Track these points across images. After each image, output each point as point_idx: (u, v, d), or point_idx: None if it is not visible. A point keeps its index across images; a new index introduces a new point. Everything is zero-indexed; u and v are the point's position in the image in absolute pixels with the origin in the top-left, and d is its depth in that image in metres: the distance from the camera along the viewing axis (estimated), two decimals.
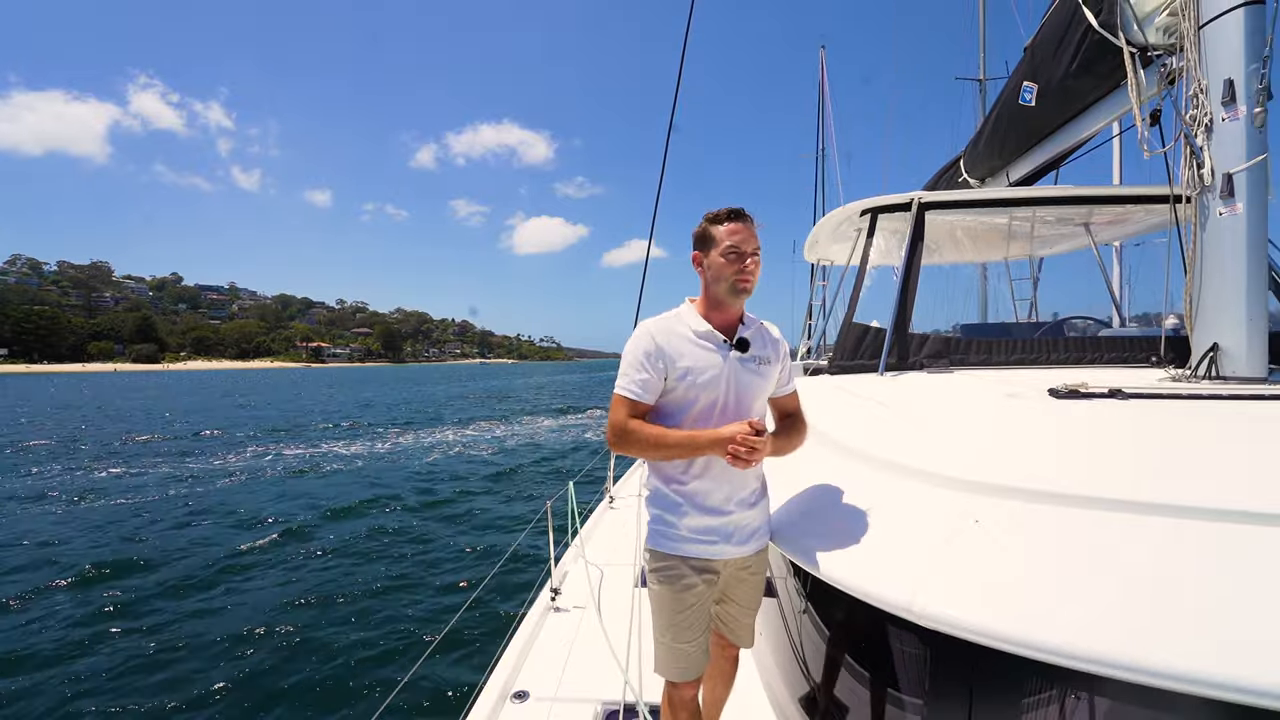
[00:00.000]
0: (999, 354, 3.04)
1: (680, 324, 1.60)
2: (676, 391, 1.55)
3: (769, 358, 1.65)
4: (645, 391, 1.53)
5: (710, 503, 1.56)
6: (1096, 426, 1.79)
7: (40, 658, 4.98)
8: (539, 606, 2.85)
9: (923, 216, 3.30)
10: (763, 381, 1.62)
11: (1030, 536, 1.21)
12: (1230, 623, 0.94)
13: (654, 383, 1.53)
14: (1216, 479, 1.31)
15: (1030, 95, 3.43)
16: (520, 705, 2.16)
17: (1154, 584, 1.05)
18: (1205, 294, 2.36)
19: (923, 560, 1.25)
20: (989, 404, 2.20)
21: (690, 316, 1.62)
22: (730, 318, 1.63)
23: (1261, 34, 2.21)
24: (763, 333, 1.69)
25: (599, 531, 3.99)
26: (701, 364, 1.55)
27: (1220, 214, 2.29)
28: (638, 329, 1.60)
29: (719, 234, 1.57)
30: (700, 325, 1.59)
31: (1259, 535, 1.08)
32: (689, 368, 1.54)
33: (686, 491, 1.57)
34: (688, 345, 1.56)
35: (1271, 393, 2.04)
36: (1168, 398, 2.03)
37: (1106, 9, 2.79)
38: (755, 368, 1.61)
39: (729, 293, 1.57)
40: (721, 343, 1.58)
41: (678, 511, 1.57)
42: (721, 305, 1.60)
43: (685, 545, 1.57)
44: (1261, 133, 2.23)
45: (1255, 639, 0.90)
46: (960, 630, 1.10)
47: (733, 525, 1.58)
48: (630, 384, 1.54)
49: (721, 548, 1.58)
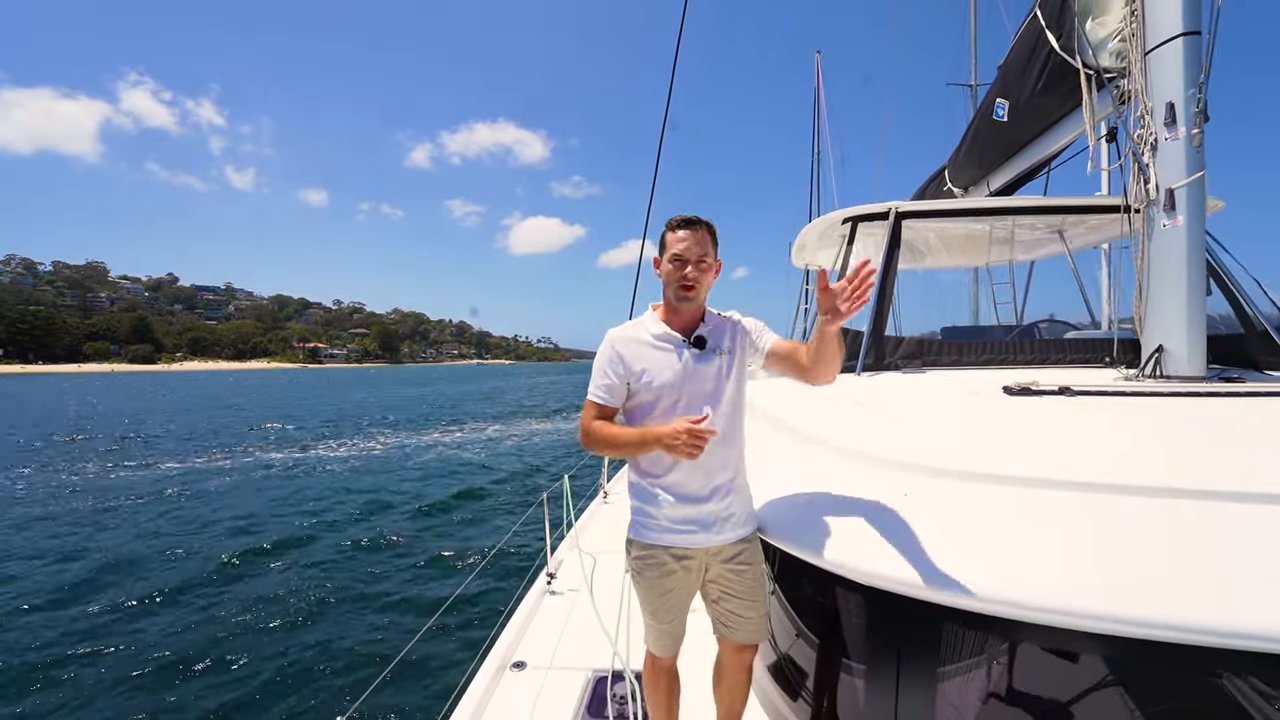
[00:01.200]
0: (969, 355, 3.24)
1: (641, 330, 1.69)
2: (640, 394, 1.64)
3: (730, 348, 1.69)
4: (609, 395, 1.64)
5: (685, 493, 1.63)
6: (1038, 419, 1.99)
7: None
8: (536, 589, 3.05)
9: (899, 225, 3.49)
10: (725, 375, 1.67)
11: (955, 508, 1.44)
12: (1124, 571, 1.16)
13: (617, 387, 1.64)
14: (1127, 461, 1.55)
15: (1003, 111, 3.64)
16: (519, 673, 2.36)
17: (1064, 542, 1.26)
18: (1152, 299, 2.56)
19: (857, 528, 1.46)
20: (951, 401, 2.40)
21: (651, 322, 1.70)
22: (687, 319, 1.69)
23: (1198, 62, 2.42)
24: (722, 326, 1.72)
25: (593, 524, 4.18)
26: (657, 366, 1.63)
27: (1164, 225, 2.49)
28: (605, 339, 1.71)
29: (669, 241, 1.66)
30: (658, 329, 1.68)
31: (1155, 504, 1.31)
32: (645, 369, 1.63)
33: (662, 484, 1.64)
34: (646, 349, 1.65)
35: (1207, 390, 2.25)
36: (1111, 395, 2.23)
37: (1066, 34, 3.00)
38: (715, 359, 1.66)
39: (674, 298, 1.66)
40: (679, 343, 1.66)
41: (655, 503, 1.65)
42: (676, 309, 1.68)
43: (664, 535, 1.66)
44: (1199, 152, 2.44)
45: (1138, 583, 1.12)
46: (880, 582, 1.32)
47: (710, 515, 1.64)
48: (596, 389, 1.66)
49: (699, 536, 1.64)
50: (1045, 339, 3.47)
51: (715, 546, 1.66)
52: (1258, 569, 1.14)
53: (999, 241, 4.82)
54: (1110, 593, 1.12)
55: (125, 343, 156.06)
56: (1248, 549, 1.17)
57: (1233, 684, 1.14)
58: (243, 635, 5.38)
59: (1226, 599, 1.09)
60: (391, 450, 17.26)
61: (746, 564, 1.69)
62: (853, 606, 1.51)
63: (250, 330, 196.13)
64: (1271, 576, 1.12)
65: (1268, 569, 1.13)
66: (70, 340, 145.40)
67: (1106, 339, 2.97)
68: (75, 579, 6.95)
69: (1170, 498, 1.33)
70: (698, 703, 1.94)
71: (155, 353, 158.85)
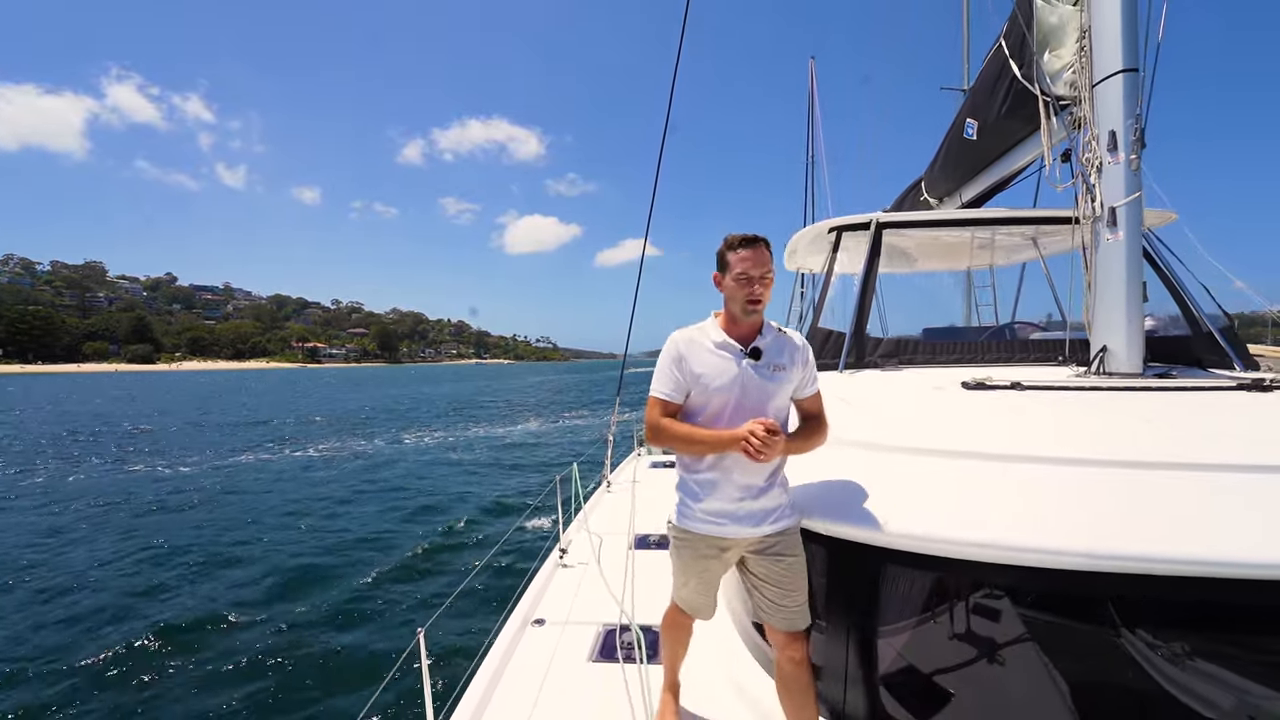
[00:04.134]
0: (942, 354, 3.56)
1: (703, 335, 1.80)
2: (694, 395, 1.76)
3: (784, 364, 1.78)
4: (675, 392, 1.76)
5: (721, 492, 1.76)
6: (988, 408, 2.32)
7: None
8: (550, 563, 3.38)
9: (880, 235, 3.81)
10: (776, 386, 1.76)
11: (916, 476, 1.82)
12: (1046, 517, 1.55)
13: (682, 385, 1.75)
14: (1052, 439, 1.95)
15: (972, 130, 3.96)
16: (539, 629, 2.68)
17: (1006, 500, 1.63)
18: (1099, 304, 2.89)
19: (836, 497, 1.80)
20: (917, 394, 2.72)
21: (712, 329, 1.81)
22: (747, 330, 1.80)
23: (1136, 95, 2.73)
24: (781, 341, 1.83)
25: (599, 509, 4.52)
26: (714, 371, 1.73)
27: (1107, 239, 2.81)
28: (669, 340, 1.82)
29: (732, 260, 1.75)
30: (719, 336, 1.78)
31: (1072, 470, 1.72)
32: (703, 374, 1.74)
33: (701, 480, 1.79)
34: (706, 354, 1.76)
35: (1142, 385, 2.57)
36: (1055, 389, 2.55)
37: (1027, 63, 3.32)
38: (769, 374, 1.75)
39: (741, 312, 1.76)
40: (737, 352, 1.76)
41: (695, 497, 1.80)
42: (738, 320, 1.79)
43: (699, 524, 1.81)
44: (1137, 175, 2.76)
45: (1060, 525, 1.51)
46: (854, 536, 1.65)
47: (743, 510, 1.76)
48: (662, 386, 1.77)
49: (730, 528, 1.77)
50: (1012, 340, 3.79)
51: (748, 538, 1.78)
52: (1135, 513, 1.51)
53: (980, 247, 5.15)
54: (1032, 531, 1.49)
55: (124, 343, 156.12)
56: (1135, 500, 1.56)
57: (1126, 608, 1.50)
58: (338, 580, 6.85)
59: (1112, 535, 1.45)
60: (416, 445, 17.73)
61: (782, 555, 1.78)
62: (823, 556, 1.85)
63: (249, 330, 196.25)
64: (1139, 518, 1.49)
65: (1141, 513, 1.50)
66: (69, 340, 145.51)
67: (1063, 340, 3.30)
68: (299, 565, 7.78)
69: (1084, 466, 1.72)
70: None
71: (154, 352, 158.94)
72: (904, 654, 1.76)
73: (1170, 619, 1.51)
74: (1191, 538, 1.42)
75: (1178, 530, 1.45)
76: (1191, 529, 1.45)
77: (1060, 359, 3.19)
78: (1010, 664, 1.61)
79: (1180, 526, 1.46)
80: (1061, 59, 3.13)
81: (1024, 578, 1.53)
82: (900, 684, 1.76)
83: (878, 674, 1.78)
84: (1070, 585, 1.50)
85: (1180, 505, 1.53)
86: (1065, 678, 1.56)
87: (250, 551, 7.96)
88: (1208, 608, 1.47)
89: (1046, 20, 3.19)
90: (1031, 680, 1.59)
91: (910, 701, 1.74)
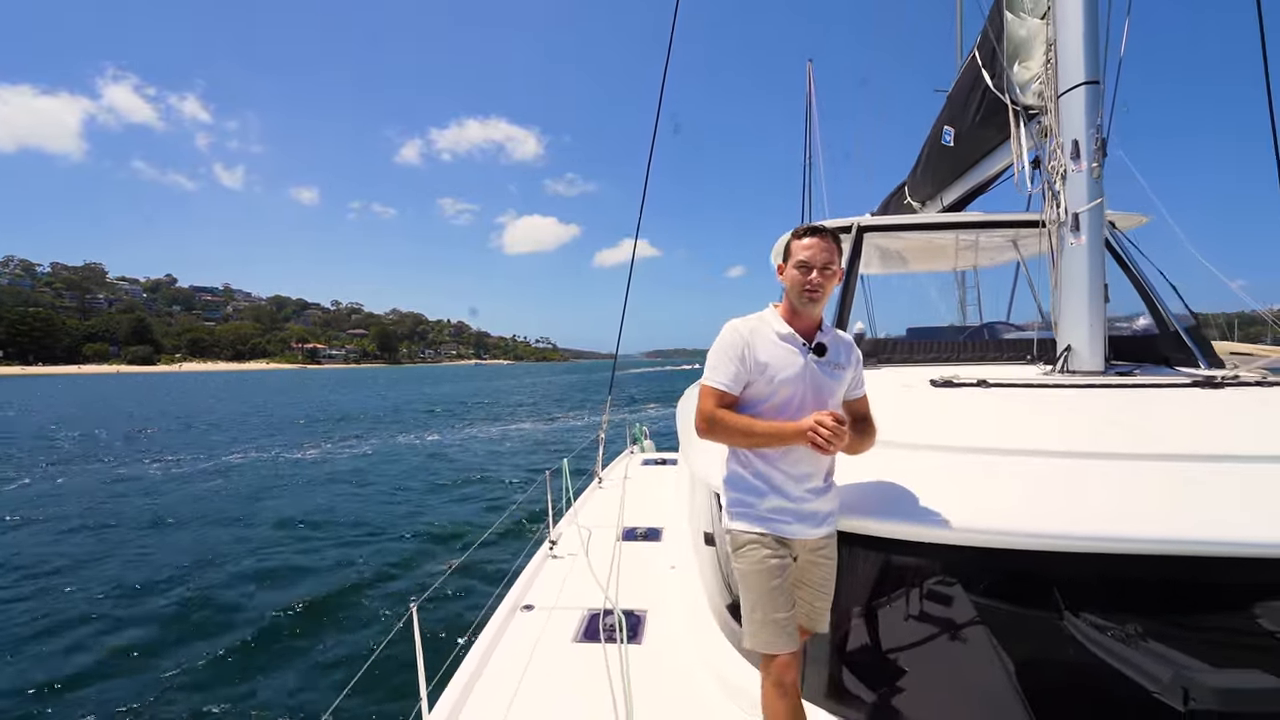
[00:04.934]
0: (920, 353, 3.69)
1: (765, 325, 1.75)
2: (757, 385, 1.68)
3: (843, 364, 1.77)
4: (733, 383, 1.68)
5: (785, 488, 1.69)
6: (953, 404, 2.45)
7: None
8: (540, 554, 3.52)
9: (861, 238, 3.94)
10: (836, 385, 1.74)
11: (884, 468, 1.94)
12: (994, 501, 1.70)
13: (741, 375, 1.68)
14: (1017, 432, 2.10)
15: (950, 137, 4.10)
16: (528, 613, 2.81)
17: (964, 489, 1.77)
18: (1064, 305, 3.02)
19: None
20: (889, 391, 2.85)
21: (774, 319, 1.76)
22: (808, 323, 1.76)
23: (1097, 106, 2.87)
24: (839, 341, 1.81)
25: (590, 504, 4.66)
26: (782, 362, 1.68)
27: (1071, 243, 2.94)
28: (726, 328, 1.75)
29: (795, 248, 1.73)
30: (783, 328, 1.73)
31: (1022, 460, 1.87)
32: (769, 364, 1.68)
33: (764, 475, 1.70)
34: (771, 345, 1.71)
35: (1102, 382, 2.70)
36: (1020, 386, 2.68)
37: (998, 74, 3.45)
38: (830, 371, 1.73)
39: (798, 301, 1.72)
40: (802, 345, 1.72)
41: (757, 494, 1.71)
42: (799, 312, 1.74)
43: (764, 524, 1.70)
44: (1098, 182, 2.89)
45: (1000, 508, 1.65)
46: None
47: (806, 509, 1.70)
48: (720, 376, 1.68)
49: (796, 528, 1.70)
50: (989, 339, 3.93)
51: (807, 540, 1.73)
52: (1077, 498, 1.66)
53: (965, 249, 5.29)
54: (982, 515, 1.64)
55: (124, 344, 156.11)
56: (1077, 486, 1.72)
57: (1072, 586, 1.64)
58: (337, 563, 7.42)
59: (1053, 517, 1.60)
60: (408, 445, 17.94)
61: (827, 558, 1.76)
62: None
63: (249, 331, 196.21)
64: (1080, 502, 1.64)
65: (1082, 498, 1.65)
66: (70, 342, 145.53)
67: (1034, 339, 3.43)
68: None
69: (1038, 457, 1.87)
70: None
71: (154, 354, 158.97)
72: (866, 633, 1.89)
73: (1118, 596, 1.65)
74: (1130, 520, 1.56)
75: (1118, 512, 1.59)
76: (1131, 512, 1.58)
77: (1029, 358, 3.32)
78: (955, 643, 1.75)
79: (1120, 509, 1.60)
80: (1030, 70, 3.27)
81: (974, 558, 1.66)
82: (863, 661, 1.89)
83: (844, 653, 1.90)
84: (1015, 564, 1.64)
85: (1121, 491, 1.67)
86: (1016, 655, 1.69)
87: (251, 536, 8.61)
88: (1154, 585, 1.62)
89: (1016, 33, 3.32)
90: (984, 654, 1.73)
91: (876, 676, 1.87)
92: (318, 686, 4.49)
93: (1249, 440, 1.94)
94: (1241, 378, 2.67)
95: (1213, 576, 1.57)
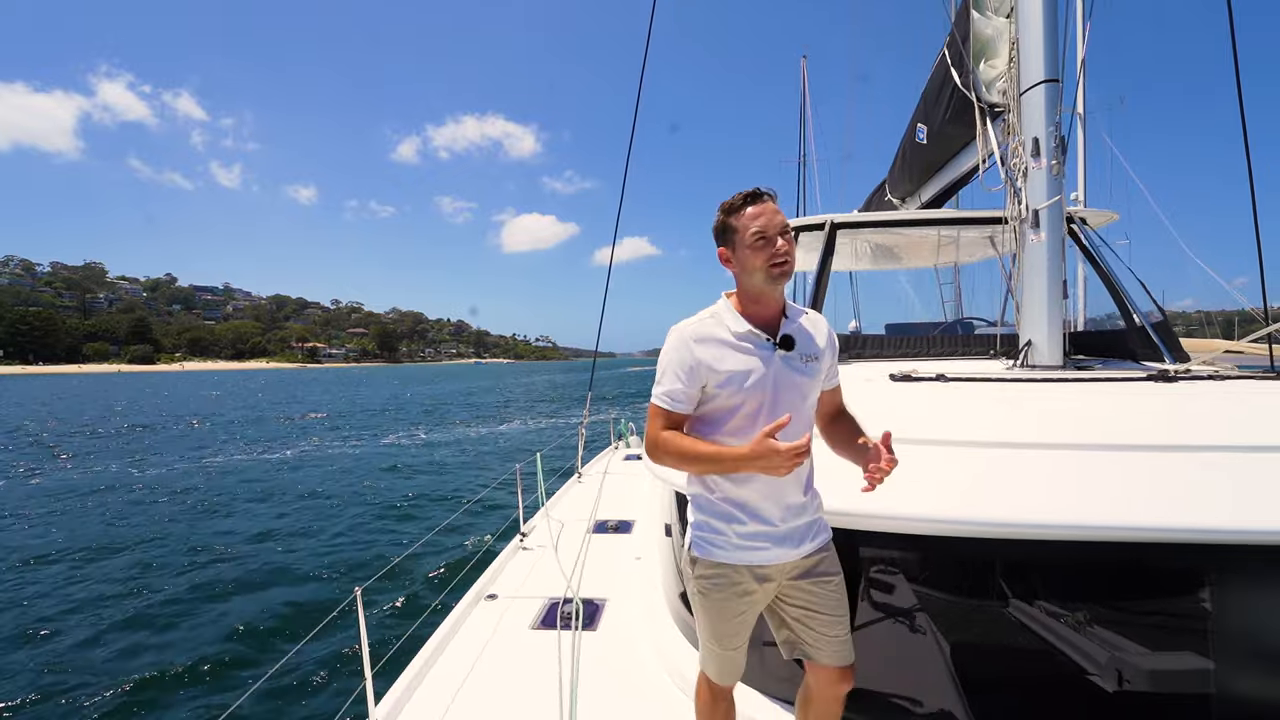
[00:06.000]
0: (890, 349, 3.74)
1: (719, 326, 1.47)
2: (719, 399, 1.44)
3: (816, 353, 1.50)
4: (680, 402, 1.44)
5: (758, 512, 1.46)
6: (909, 398, 2.50)
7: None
8: (511, 546, 3.58)
9: (834, 235, 3.99)
10: (810, 381, 1.48)
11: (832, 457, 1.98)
12: (941, 491, 1.72)
13: (692, 393, 1.43)
14: (959, 424, 2.15)
15: (923, 135, 4.14)
16: (491, 602, 2.87)
17: (913, 478, 1.81)
18: (1025, 301, 3.06)
19: None
20: (849, 385, 2.90)
21: (728, 315, 1.48)
22: (771, 310, 1.49)
23: (1055, 105, 2.91)
24: (808, 326, 1.53)
25: (566, 499, 4.72)
26: (743, 368, 1.42)
27: (1032, 240, 2.98)
28: (673, 335, 1.48)
29: (740, 223, 1.43)
30: (740, 325, 1.46)
31: (967, 451, 1.90)
32: (731, 373, 1.42)
33: (733, 498, 1.47)
34: (728, 350, 1.44)
35: (1059, 377, 2.75)
36: (978, 381, 2.73)
37: (965, 73, 3.49)
38: (803, 365, 1.47)
39: (766, 282, 1.44)
40: (764, 342, 1.46)
41: (727, 519, 1.48)
42: (760, 298, 1.48)
43: (736, 553, 1.48)
44: (1058, 180, 2.93)
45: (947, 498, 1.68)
46: None
47: (784, 531, 1.48)
48: (665, 393, 1.44)
49: (773, 552, 1.48)
50: (962, 335, 3.98)
51: (791, 561, 1.50)
52: (1015, 487, 1.71)
53: (946, 245, 5.33)
54: (924, 503, 1.68)
55: (124, 343, 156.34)
56: (1014, 475, 1.78)
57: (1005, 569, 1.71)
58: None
59: (993, 506, 1.64)
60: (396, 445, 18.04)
61: (827, 574, 1.53)
62: None
63: (249, 330, 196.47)
64: (1016, 491, 1.69)
65: (1019, 487, 1.70)
66: (70, 341, 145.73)
67: (998, 335, 3.48)
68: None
69: (979, 448, 1.93)
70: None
71: (154, 353, 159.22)
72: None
73: (1060, 582, 1.70)
74: (1068, 507, 1.60)
75: (1056, 500, 1.63)
76: (1069, 500, 1.63)
77: (991, 353, 3.36)
78: (900, 628, 1.80)
79: (1059, 498, 1.64)
80: (995, 69, 3.31)
81: (913, 544, 1.73)
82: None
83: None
84: (958, 551, 1.70)
85: (1062, 480, 1.72)
86: (960, 638, 1.75)
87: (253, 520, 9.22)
88: (1094, 571, 1.68)
89: (983, 32, 3.36)
90: (928, 639, 1.78)
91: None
92: (260, 663, 4.58)
93: (1191, 431, 1.99)
94: (1194, 372, 2.72)
95: (1153, 562, 1.63)
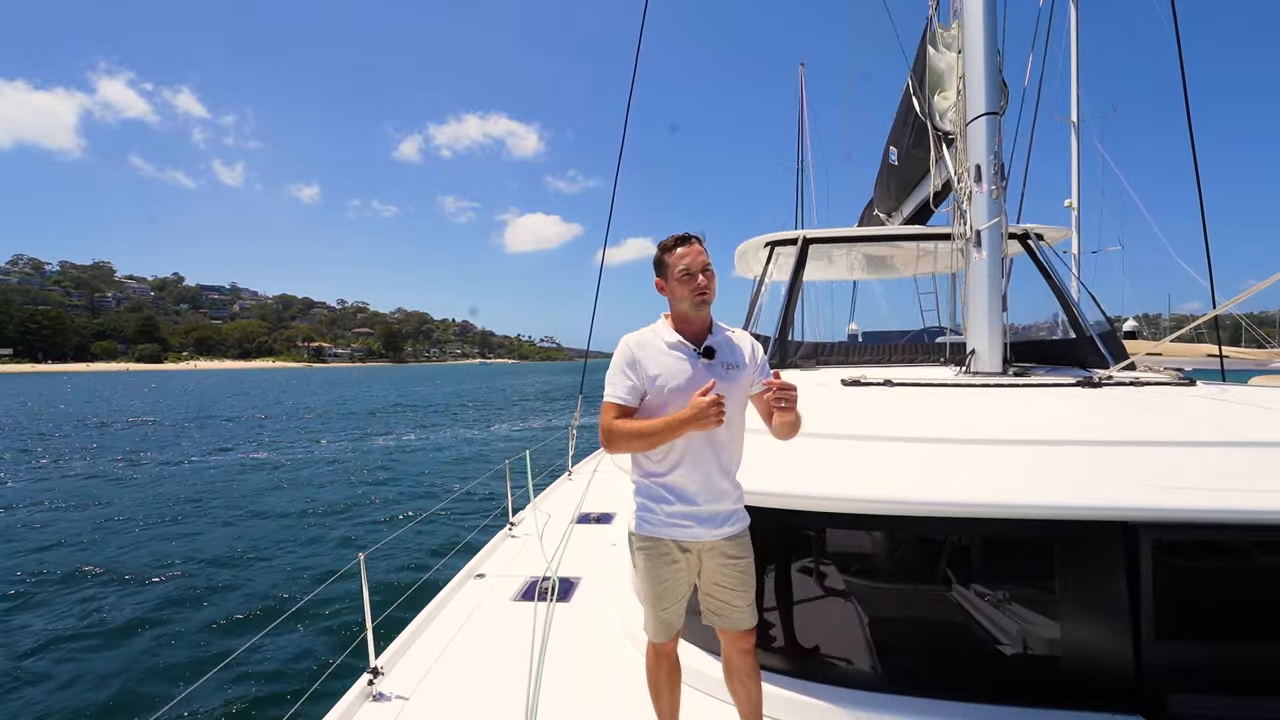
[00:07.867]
0: (855, 355, 4.03)
1: (655, 336, 1.80)
2: (651, 396, 1.74)
3: (736, 363, 1.81)
4: (629, 396, 1.73)
5: (685, 493, 1.75)
6: (856, 401, 2.80)
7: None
8: (499, 535, 3.91)
9: (806, 250, 4.29)
10: (731, 386, 1.76)
11: (790, 453, 2.17)
12: (885, 477, 1.98)
13: (637, 388, 1.73)
14: (899, 422, 2.42)
15: (895, 157, 4.44)
16: (480, 580, 3.20)
17: (848, 466, 2.09)
18: (969, 313, 3.36)
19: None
20: (803, 389, 3.20)
21: (663, 329, 1.82)
22: (698, 328, 1.81)
23: (995, 135, 3.21)
24: (730, 341, 1.85)
25: (555, 494, 5.03)
26: (671, 371, 1.73)
27: (975, 258, 3.28)
28: (620, 343, 1.82)
29: (671, 260, 1.78)
30: (671, 337, 1.79)
31: (904, 445, 2.19)
32: (659, 374, 1.73)
33: (664, 483, 1.76)
34: (660, 355, 1.76)
35: (996, 382, 3.04)
36: (923, 386, 3.03)
37: (924, 101, 3.79)
38: (723, 372, 1.76)
39: (691, 308, 1.77)
40: (691, 351, 1.77)
41: (658, 499, 1.77)
42: (688, 318, 1.80)
43: (663, 529, 1.77)
44: (998, 203, 3.23)
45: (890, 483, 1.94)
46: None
47: (705, 513, 1.75)
48: (615, 390, 1.74)
49: (694, 530, 1.76)
50: (925, 343, 4.27)
51: (710, 541, 1.78)
52: (937, 474, 1.97)
53: (924, 256, 5.64)
54: (858, 486, 1.96)
55: (133, 342, 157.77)
56: (938, 465, 2.03)
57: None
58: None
59: (913, 489, 1.91)
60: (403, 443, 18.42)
61: (737, 557, 1.80)
62: None
63: (255, 330, 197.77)
64: (933, 477, 1.96)
65: (940, 474, 1.97)
66: (79, 340, 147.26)
67: (948, 344, 3.77)
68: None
69: (914, 442, 2.21)
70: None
71: (162, 352, 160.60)
72: (784, 594, 2.20)
73: (961, 555, 2.00)
74: (966, 490, 1.88)
75: (963, 485, 1.91)
76: (973, 484, 1.90)
77: (942, 360, 3.66)
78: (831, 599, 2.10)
79: (966, 483, 1.91)
80: (948, 99, 3.61)
81: (846, 521, 2.04)
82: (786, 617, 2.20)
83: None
84: (886, 529, 2.02)
85: (974, 469, 1.99)
86: (887, 609, 2.04)
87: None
88: (996, 548, 1.99)
89: (937, 65, 3.67)
90: (855, 608, 2.08)
91: (776, 631, 2.18)
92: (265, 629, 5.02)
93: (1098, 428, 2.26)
94: (1116, 378, 3.01)
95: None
